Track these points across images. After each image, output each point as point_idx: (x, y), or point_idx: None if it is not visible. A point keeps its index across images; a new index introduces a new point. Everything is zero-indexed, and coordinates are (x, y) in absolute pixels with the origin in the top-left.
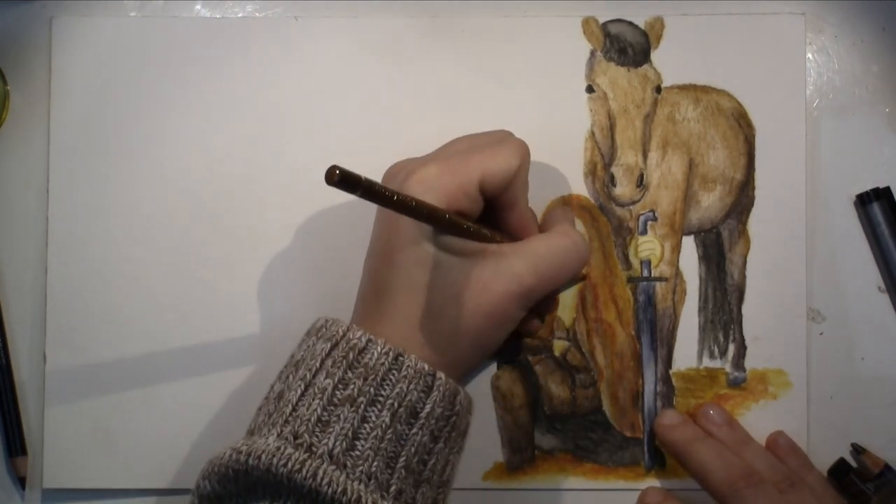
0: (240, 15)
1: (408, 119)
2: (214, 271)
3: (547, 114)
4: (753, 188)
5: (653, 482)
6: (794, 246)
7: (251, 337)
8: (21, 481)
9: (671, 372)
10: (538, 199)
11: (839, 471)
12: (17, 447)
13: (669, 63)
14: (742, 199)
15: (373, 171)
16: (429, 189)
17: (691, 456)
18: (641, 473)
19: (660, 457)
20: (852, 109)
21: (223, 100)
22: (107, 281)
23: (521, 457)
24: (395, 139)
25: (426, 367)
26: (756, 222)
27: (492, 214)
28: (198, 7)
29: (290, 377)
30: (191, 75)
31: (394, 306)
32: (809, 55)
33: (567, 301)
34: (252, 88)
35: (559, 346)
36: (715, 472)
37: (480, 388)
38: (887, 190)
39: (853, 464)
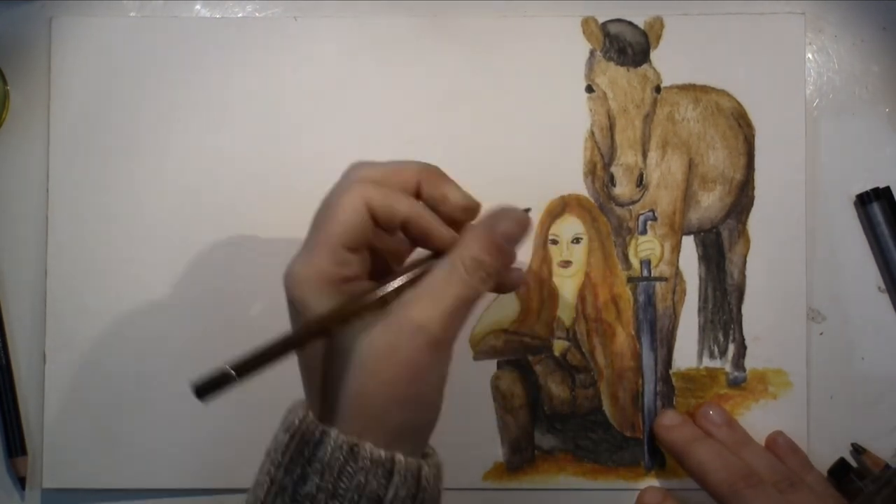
0: (240, 15)
1: (407, 118)
2: (214, 271)
3: (546, 113)
4: (753, 188)
5: (652, 482)
6: (794, 246)
7: (252, 338)
8: (21, 481)
9: (671, 372)
10: (538, 198)
11: (839, 470)
12: (17, 447)
13: (669, 63)
14: (742, 199)
15: None
16: (299, 285)
17: (690, 456)
18: (641, 473)
19: (660, 457)
20: (852, 109)
21: (223, 100)
22: (107, 281)
23: (521, 457)
24: (395, 138)
25: (382, 454)
26: (756, 222)
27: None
28: (198, 7)
29: (262, 469)
30: (190, 75)
31: (333, 393)
32: (809, 55)
33: (567, 301)
34: (251, 88)
35: (559, 345)
36: (714, 473)
37: (480, 387)
38: (887, 190)
39: (853, 464)
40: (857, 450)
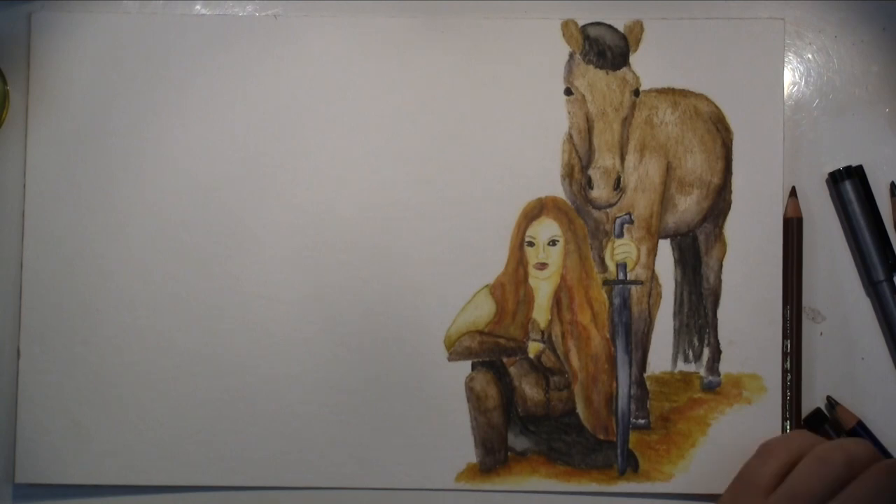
0: (240, 15)
1: (386, 118)
2: (189, 268)
3: (525, 115)
4: (730, 192)
5: (625, 485)
6: (771, 250)
7: (227, 333)
8: None
9: (645, 375)
10: (515, 199)
11: (815, 420)
12: None
13: (648, 66)
14: (719, 203)
15: (358, 169)
16: None
17: None
18: (614, 476)
19: (632, 459)
20: (852, 109)
21: (216, 99)
22: (82, 276)
23: (493, 458)
24: (376, 138)
25: None
26: (732, 226)
27: None
28: (198, 7)
29: None
30: (189, 74)
31: None
32: (809, 55)
33: (542, 303)
34: (247, 88)
35: (534, 347)
36: None
37: (454, 388)
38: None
39: (828, 415)
40: (832, 403)
